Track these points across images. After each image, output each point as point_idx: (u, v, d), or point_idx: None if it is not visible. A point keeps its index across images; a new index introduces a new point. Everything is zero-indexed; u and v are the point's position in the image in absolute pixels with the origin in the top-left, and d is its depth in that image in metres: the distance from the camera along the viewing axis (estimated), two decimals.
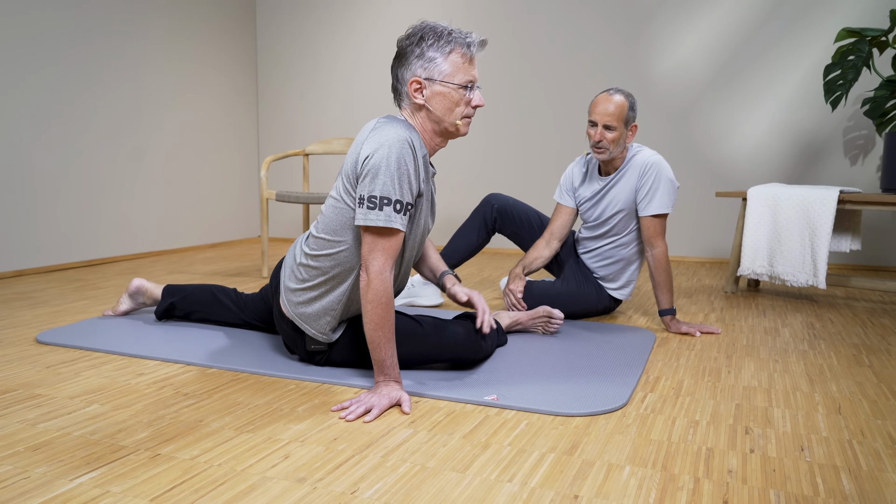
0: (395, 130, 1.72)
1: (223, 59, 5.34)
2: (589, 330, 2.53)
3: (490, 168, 5.15)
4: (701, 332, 2.53)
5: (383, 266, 1.71)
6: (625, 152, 2.58)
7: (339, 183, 1.82)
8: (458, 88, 1.80)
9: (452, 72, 1.78)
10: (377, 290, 1.70)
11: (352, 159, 1.78)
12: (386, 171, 1.69)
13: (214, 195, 5.34)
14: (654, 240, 2.53)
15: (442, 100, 1.79)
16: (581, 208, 2.72)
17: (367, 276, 1.71)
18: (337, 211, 1.81)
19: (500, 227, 2.92)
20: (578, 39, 4.79)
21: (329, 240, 1.83)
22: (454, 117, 1.82)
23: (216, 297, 2.49)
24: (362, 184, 1.71)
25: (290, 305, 1.93)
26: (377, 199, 1.69)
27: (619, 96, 2.47)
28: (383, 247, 1.71)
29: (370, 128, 1.80)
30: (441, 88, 1.79)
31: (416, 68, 1.79)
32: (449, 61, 1.78)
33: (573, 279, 2.70)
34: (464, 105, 1.82)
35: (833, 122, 4.26)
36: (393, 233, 1.72)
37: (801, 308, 3.06)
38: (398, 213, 1.70)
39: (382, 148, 1.70)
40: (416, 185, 1.75)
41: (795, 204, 3.13)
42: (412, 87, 1.79)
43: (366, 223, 1.69)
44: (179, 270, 4.06)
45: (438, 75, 1.78)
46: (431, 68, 1.78)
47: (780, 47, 4.33)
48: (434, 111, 1.80)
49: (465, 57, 1.80)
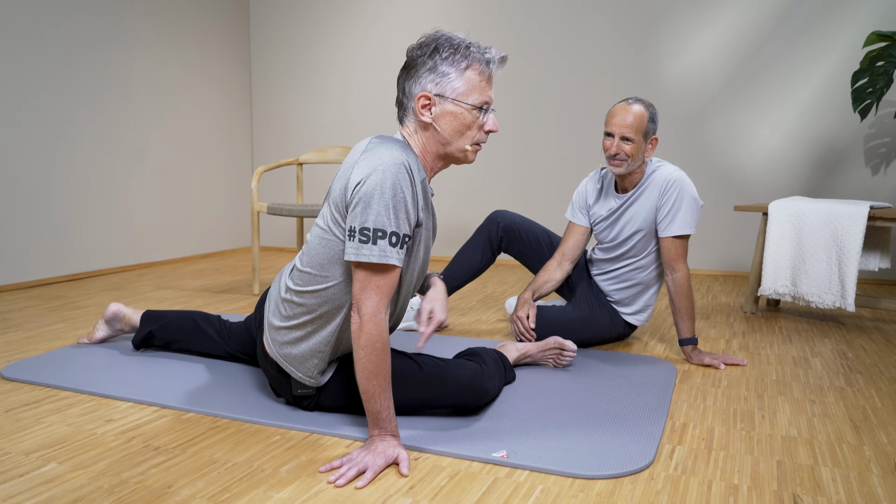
0: (389, 153, 1.52)
1: (215, 63, 5.14)
2: (604, 361, 2.33)
3: (495, 179, 4.94)
4: (725, 364, 2.33)
5: (378, 307, 1.51)
6: (644, 167, 2.38)
7: (327, 211, 1.61)
8: (472, 110, 1.60)
9: (467, 90, 1.58)
10: (371, 335, 1.50)
11: (340, 185, 1.57)
12: (380, 199, 1.48)
13: (207, 204, 5.13)
14: (675, 263, 2.33)
15: (452, 120, 1.60)
16: (595, 228, 2.52)
17: (359, 317, 1.51)
18: (324, 243, 1.61)
19: (506, 247, 2.72)
20: (584, 42, 4.58)
21: (315, 275, 1.63)
22: (463, 142, 1.62)
23: (198, 325, 2.29)
24: (353, 213, 1.51)
25: (275, 345, 1.73)
26: (370, 232, 1.49)
27: (639, 106, 2.27)
28: (378, 285, 1.51)
29: (361, 149, 1.60)
30: (452, 108, 1.59)
31: (427, 82, 1.58)
32: (464, 78, 1.58)
33: (585, 304, 2.50)
34: (476, 129, 1.62)
35: (854, 129, 4.06)
36: (388, 269, 1.52)
37: (828, 332, 2.85)
38: (394, 247, 1.51)
39: (376, 173, 1.50)
40: (415, 215, 1.55)
41: (821, 220, 2.93)
42: (420, 102, 1.59)
43: (357, 258, 1.49)
44: (167, 285, 3.85)
45: (451, 92, 1.58)
46: (444, 84, 1.58)
47: (797, 50, 4.13)
48: (442, 132, 1.61)
49: (483, 75, 1.60)
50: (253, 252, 3.57)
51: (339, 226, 1.58)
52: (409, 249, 1.62)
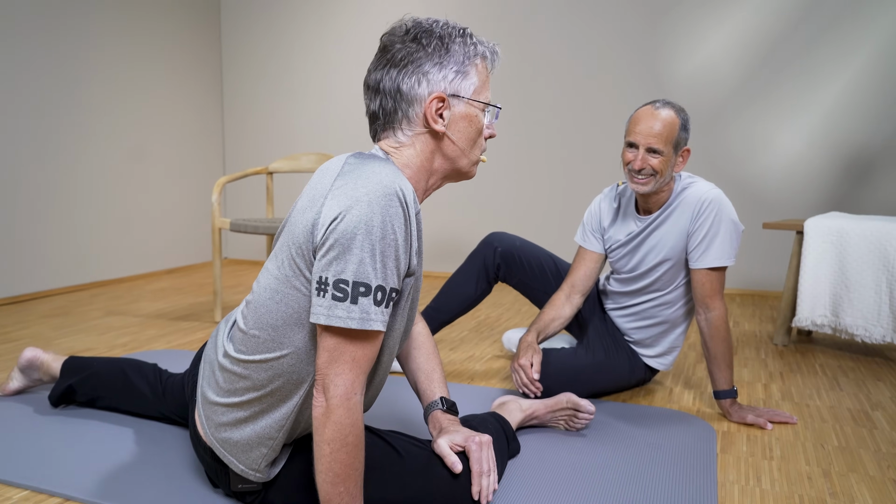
0: (376, 177, 1.11)
1: (184, 65, 4.69)
2: (626, 421, 1.92)
3: (493, 189, 4.52)
4: (772, 423, 1.92)
5: (352, 387, 1.10)
6: (672, 184, 1.97)
7: (284, 254, 1.19)
8: (485, 108, 1.26)
9: (480, 86, 1.24)
10: (341, 425, 1.09)
11: (306, 220, 1.15)
12: (364, 242, 1.07)
13: (173, 215, 4.68)
14: (711, 300, 1.92)
15: (467, 126, 1.24)
16: (612, 255, 2.11)
17: (325, 400, 1.10)
18: (277, 297, 1.19)
19: (504, 276, 2.30)
20: (587, 40, 4.18)
21: (265, 339, 1.20)
22: (477, 151, 1.28)
23: (129, 380, 1.86)
24: (325, 260, 1.09)
25: (209, 426, 1.31)
26: (349, 286, 1.08)
27: (668, 111, 1.86)
28: (353, 357, 1.10)
29: (334, 172, 1.18)
30: (467, 109, 1.23)
31: (438, 79, 1.20)
32: (478, 72, 1.24)
33: (600, 345, 2.09)
34: (483, 132, 1.29)
35: (885, 133, 3.67)
36: (370, 337, 1.11)
37: (878, 373, 2.45)
38: (380, 307, 1.10)
39: (358, 206, 1.08)
40: (406, 261, 1.14)
41: (868, 241, 2.53)
42: (433, 106, 1.20)
43: (330, 321, 1.08)
44: (119, 309, 3.41)
45: (466, 90, 1.22)
46: (459, 80, 1.21)
47: (821, 46, 3.74)
48: (457, 142, 1.23)
49: (487, 70, 1.27)
50: (214, 274, 3.13)
51: (303, 275, 1.15)
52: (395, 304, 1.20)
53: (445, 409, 1.44)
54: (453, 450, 1.34)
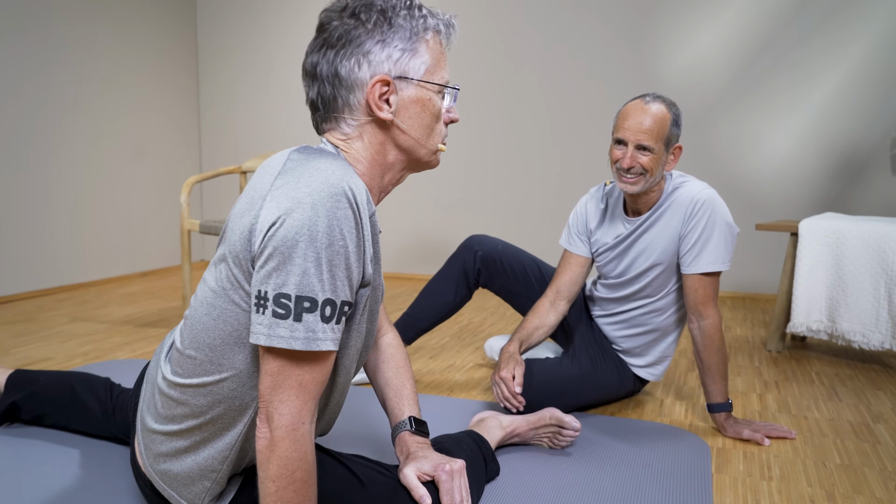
0: (321, 175, 0.97)
1: (158, 59, 4.53)
2: (614, 437, 1.79)
3: (478, 188, 4.39)
4: (769, 438, 1.80)
5: (299, 415, 0.97)
6: (662, 184, 1.85)
7: (222, 264, 1.05)
8: (440, 90, 1.11)
9: (433, 66, 1.09)
10: (287, 459, 0.96)
11: (243, 226, 1.01)
12: (308, 250, 0.94)
13: (147, 216, 4.52)
14: (703, 307, 1.80)
15: (420, 111, 1.09)
16: (598, 259, 1.98)
17: (268, 431, 0.96)
18: (215, 313, 1.05)
19: (485, 282, 2.17)
20: (573, 33, 4.05)
21: (202, 361, 1.07)
22: (435, 139, 1.12)
23: (77, 396, 1.71)
24: (264, 271, 0.95)
25: (148, 456, 1.17)
26: (291, 302, 0.94)
27: (659, 106, 1.74)
28: (300, 381, 0.97)
29: (275, 170, 1.04)
30: (418, 93, 1.08)
31: (381, 60, 1.05)
32: (429, 49, 1.08)
33: (586, 355, 1.96)
34: (445, 116, 1.14)
35: (879, 132, 3.57)
36: (318, 358, 0.98)
37: (877, 382, 2.34)
38: (329, 323, 0.96)
39: (300, 208, 0.94)
40: (360, 271, 1.01)
41: (866, 243, 2.42)
42: (375, 91, 1.05)
43: (270, 342, 0.94)
44: (86, 315, 3.26)
45: (416, 71, 1.07)
46: (405, 60, 1.06)
47: (814, 43, 3.63)
48: (408, 131, 1.08)
49: (442, 46, 1.12)
50: (183, 279, 2.98)
51: (241, 288, 1.02)
52: (348, 321, 1.07)
53: (415, 431, 1.31)
54: (421, 479, 1.21)
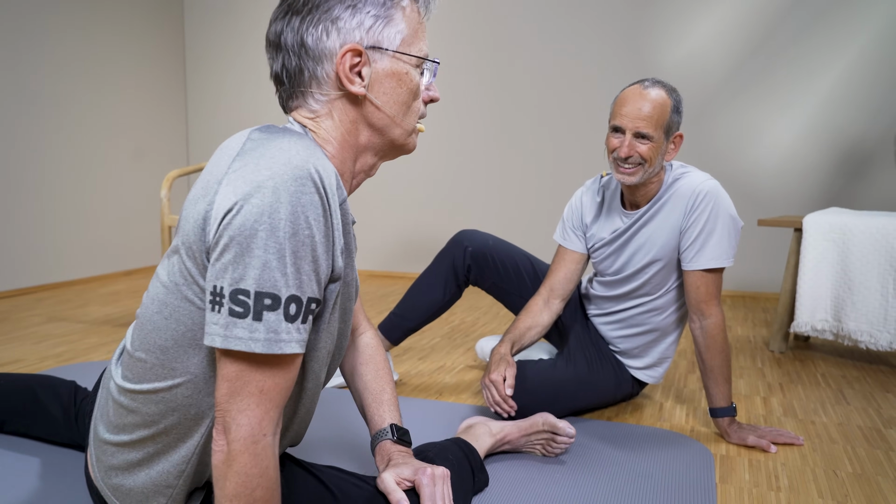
0: (284, 155, 0.86)
1: (145, 52, 4.41)
2: (611, 444, 1.68)
3: (470, 180, 4.29)
4: (776, 445, 1.70)
5: (259, 426, 0.86)
6: (662, 175, 1.74)
7: (175, 256, 0.94)
8: (417, 66, 1.00)
9: (411, 35, 0.98)
10: (245, 476, 0.85)
11: (197, 213, 0.89)
12: (269, 240, 0.83)
13: (131, 213, 4.40)
14: (706, 305, 1.70)
15: (395, 86, 0.98)
16: (595, 255, 1.88)
17: (226, 444, 0.85)
18: (166, 311, 0.94)
19: (475, 279, 2.07)
20: (568, 23, 3.95)
21: (153, 364, 0.96)
22: (412, 118, 1.01)
23: (38, 401, 1.60)
24: (220, 264, 0.84)
25: (100, 469, 1.06)
26: (250, 298, 0.83)
27: (659, 91, 1.64)
28: (261, 388, 0.86)
29: (233, 151, 0.92)
30: (393, 65, 0.97)
31: (352, 27, 0.94)
32: (406, 17, 0.97)
33: (582, 357, 1.86)
34: (424, 93, 1.03)
35: (882, 125, 3.47)
36: (282, 362, 0.87)
37: (885, 383, 2.24)
38: (294, 323, 0.85)
39: (260, 193, 0.83)
40: (328, 263, 0.90)
41: (873, 239, 2.32)
42: (346, 62, 0.94)
43: (227, 344, 0.83)
44: (64, 314, 3.14)
45: (391, 41, 0.96)
46: (378, 28, 0.95)
47: (814, 35, 3.53)
48: (383, 107, 0.97)
49: (420, 15, 1.01)
50: None
51: (195, 283, 0.91)
52: (316, 320, 0.96)
53: (396, 440, 1.20)
54: (401, 486, 1.10)
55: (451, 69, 4.21)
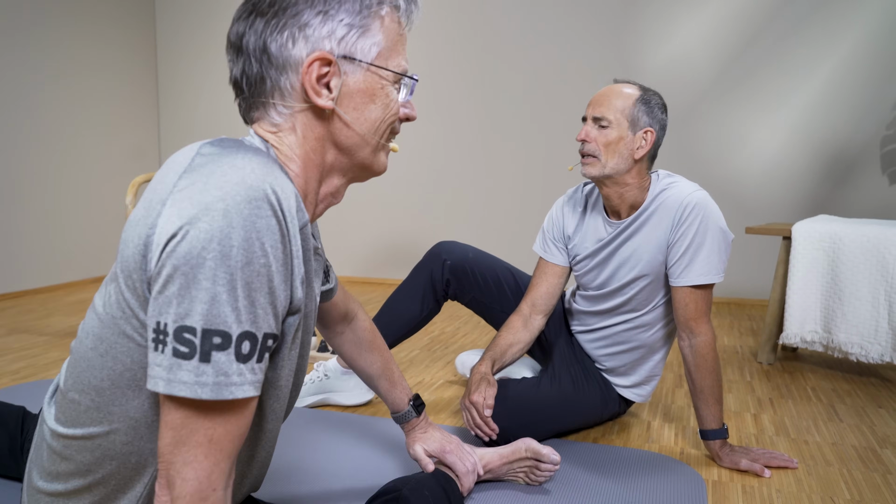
0: (238, 174, 0.76)
1: (115, 51, 4.27)
2: (597, 469, 1.60)
3: (451, 191, 4.19)
4: (769, 468, 1.62)
5: (208, 480, 0.76)
6: (647, 182, 1.66)
7: (112, 285, 0.83)
8: (394, 82, 0.89)
9: (388, 48, 0.88)
10: None
11: (138, 238, 0.79)
12: (218, 270, 0.73)
13: (100, 218, 4.26)
14: (695, 323, 1.61)
15: (367, 103, 0.87)
16: (577, 268, 1.79)
17: (170, 500, 0.76)
18: (102, 347, 0.83)
19: (455, 293, 1.97)
20: (552, 27, 3.87)
21: (87, 407, 0.85)
22: (384, 137, 0.91)
23: None
24: (161, 297, 0.74)
25: None
26: (196, 337, 0.73)
27: (629, 85, 1.59)
28: (210, 438, 0.76)
29: (181, 165, 0.82)
30: (368, 80, 0.87)
31: (322, 36, 0.84)
32: (384, 28, 0.87)
33: (567, 374, 1.77)
34: (394, 112, 0.91)
35: (867, 130, 3.43)
36: (234, 407, 0.77)
37: (878, 398, 2.18)
38: (247, 363, 0.75)
39: (209, 216, 0.73)
40: (286, 295, 0.80)
41: (863, 248, 2.26)
42: (313, 72, 0.84)
43: (171, 390, 0.73)
44: (27, 326, 3.01)
45: (365, 52, 0.86)
46: (352, 37, 0.85)
47: (801, 38, 3.48)
48: (352, 124, 0.87)
49: (402, 25, 0.90)
50: None
51: (134, 317, 0.80)
52: (273, 355, 0.86)
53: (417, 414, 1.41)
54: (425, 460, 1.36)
55: (435, 71, 4.11)
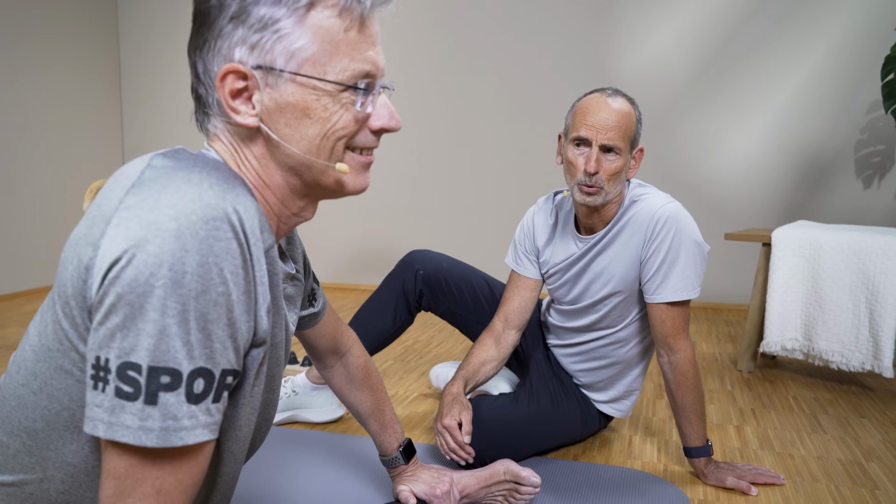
0: (193, 189, 0.68)
1: (76, 48, 4.12)
2: (578, 490, 1.52)
3: (424, 198, 4.11)
4: (756, 486, 1.56)
5: None
6: (621, 195, 1.59)
7: (49, 313, 0.75)
8: (340, 90, 0.76)
9: (322, 52, 0.75)
10: None
11: (79, 260, 0.70)
12: (168, 299, 0.64)
13: (58, 223, 4.11)
14: (673, 340, 1.54)
15: (300, 118, 0.76)
16: (549, 281, 1.72)
17: None
18: (36, 384, 0.74)
19: (428, 304, 1.89)
20: (525, 29, 3.81)
21: (17, 451, 0.76)
22: (323, 153, 0.78)
23: None
24: (103, 329, 0.65)
25: None
26: (142, 375, 0.64)
27: (623, 100, 1.49)
28: (159, 488, 0.67)
29: (129, 179, 0.72)
30: (298, 93, 0.75)
31: (234, 43, 0.74)
32: (309, 27, 0.74)
33: (545, 391, 1.70)
34: (353, 124, 0.78)
35: (842, 134, 3.42)
36: (185, 454, 0.68)
37: (860, 407, 2.14)
38: (201, 404, 0.67)
39: (159, 238, 0.65)
40: (249, 326, 0.71)
41: (844, 254, 2.22)
42: (226, 86, 0.75)
43: (112, 435, 0.65)
44: None
45: (287, 60, 0.74)
46: (267, 44, 0.74)
47: (776, 41, 3.46)
48: (287, 144, 0.77)
49: (350, 16, 0.76)
50: None
51: (73, 350, 0.71)
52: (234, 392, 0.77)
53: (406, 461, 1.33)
54: None
55: (409, 75, 4.03)
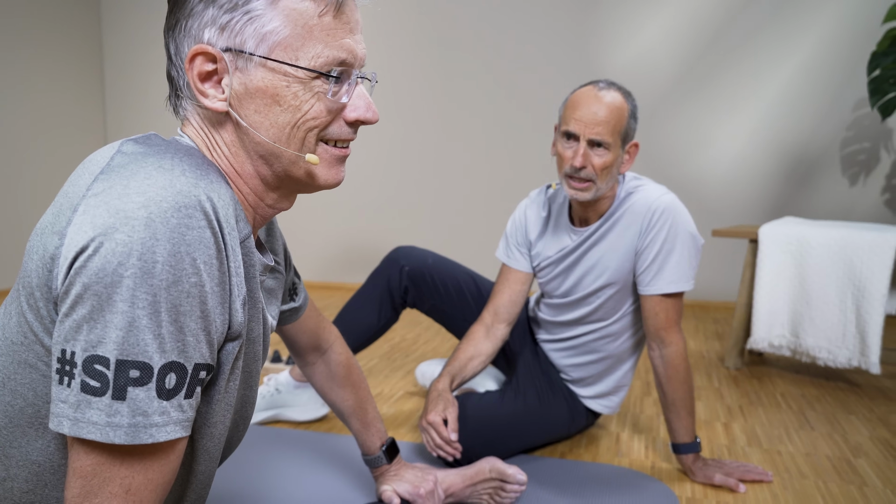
0: (164, 176, 0.66)
1: (58, 40, 4.06)
2: (565, 488, 1.51)
3: (411, 194, 4.09)
4: (744, 482, 1.55)
5: None
6: (615, 188, 1.58)
7: (13, 305, 0.72)
8: (312, 78, 0.74)
9: (294, 36, 0.72)
10: None
11: (44, 249, 0.67)
12: (138, 290, 0.62)
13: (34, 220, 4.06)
14: (665, 332, 1.53)
15: (270, 105, 0.74)
16: (540, 275, 1.70)
17: None
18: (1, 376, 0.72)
19: (413, 301, 1.87)
20: (513, 25, 3.79)
21: None
22: (294, 143, 0.76)
23: None
24: (69, 321, 0.63)
25: None
26: (110, 369, 0.62)
27: (615, 94, 1.47)
28: (128, 487, 0.65)
29: (98, 166, 0.70)
30: (268, 78, 0.73)
31: (204, 24, 0.72)
32: (282, 10, 0.72)
33: (532, 387, 1.68)
34: (326, 114, 0.76)
35: (829, 131, 3.42)
36: (156, 452, 0.66)
37: (847, 403, 2.14)
38: (172, 399, 0.65)
39: (128, 226, 0.62)
40: (224, 319, 0.69)
41: (831, 251, 2.22)
42: (194, 68, 0.73)
43: (78, 431, 0.62)
44: None
45: (257, 44, 0.72)
46: (237, 26, 0.72)
47: (762, 39, 3.46)
48: (256, 131, 0.74)
49: (323, 1, 0.73)
50: None
51: (38, 343, 0.69)
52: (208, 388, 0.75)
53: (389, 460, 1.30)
54: None
55: (393, 68, 4.00)
